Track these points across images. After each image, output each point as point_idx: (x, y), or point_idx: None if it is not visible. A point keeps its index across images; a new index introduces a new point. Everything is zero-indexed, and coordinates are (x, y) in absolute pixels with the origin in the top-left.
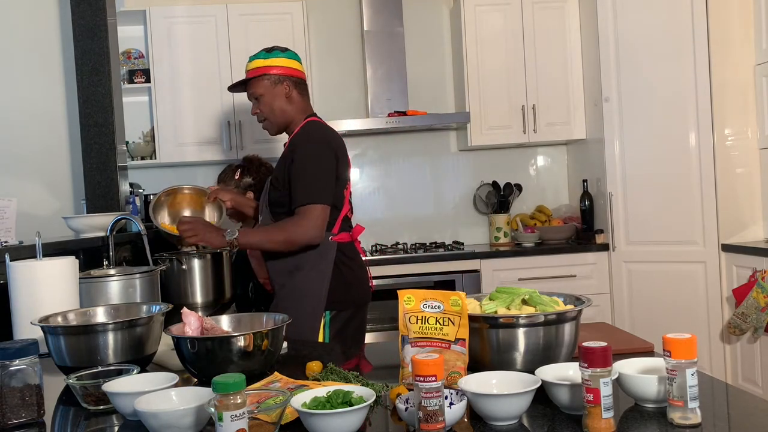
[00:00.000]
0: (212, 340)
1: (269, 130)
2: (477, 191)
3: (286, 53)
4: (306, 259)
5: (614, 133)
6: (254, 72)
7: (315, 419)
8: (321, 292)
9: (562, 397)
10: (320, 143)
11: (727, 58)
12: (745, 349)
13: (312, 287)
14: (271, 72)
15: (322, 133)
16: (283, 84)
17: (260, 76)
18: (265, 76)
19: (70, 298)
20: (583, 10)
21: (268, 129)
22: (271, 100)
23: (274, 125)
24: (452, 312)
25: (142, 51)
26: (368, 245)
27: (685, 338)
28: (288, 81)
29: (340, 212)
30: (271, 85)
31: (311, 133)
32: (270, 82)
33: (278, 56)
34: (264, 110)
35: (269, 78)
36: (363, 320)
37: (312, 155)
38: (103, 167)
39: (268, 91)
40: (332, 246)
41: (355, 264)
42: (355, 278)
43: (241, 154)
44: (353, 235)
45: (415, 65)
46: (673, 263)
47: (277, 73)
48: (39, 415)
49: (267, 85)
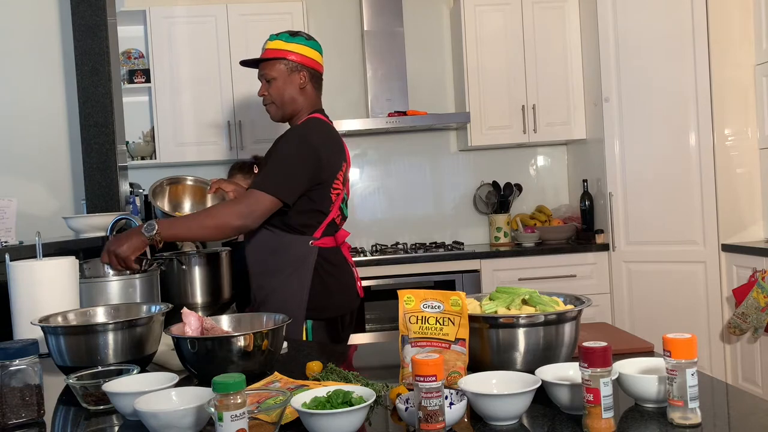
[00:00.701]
0: (212, 340)
1: (273, 115)
2: (477, 191)
3: (310, 42)
4: (286, 262)
5: (614, 133)
6: (273, 53)
7: (315, 419)
8: (301, 299)
9: (562, 397)
10: (305, 141)
11: (727, 58)
12: (745, 349)
13: (292, 294)
14: (291, 57)
15: (314, 133)
16: (300, 73)
17: (278, 59)
18: (283, 60)
19: (70, 298)
20: (583, 10)
21: (271, 113)
22: (284, 87)
23: (279, 112)
24: (452, 312)
25: (142, 51)
26: (368, 245)
27: (685, 338)
28: (306, 71)
29: (326, 216)
30: (287, 71)
31: (304, 130)
32: (287, 67)
33: (302, 42)
34: (273, 94)
35: (287, 63)
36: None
37: (289, 150)
38: (103, 167)
39: (283, 77)
40: (312, 251)
41: (339, 270)
42: (338, 285)
43: (241, 154)
44: (337, 240)
45: (415, 65)
46: (673, 263)
47: (296, 60)
48: (39, 415)
49: (283, 70)
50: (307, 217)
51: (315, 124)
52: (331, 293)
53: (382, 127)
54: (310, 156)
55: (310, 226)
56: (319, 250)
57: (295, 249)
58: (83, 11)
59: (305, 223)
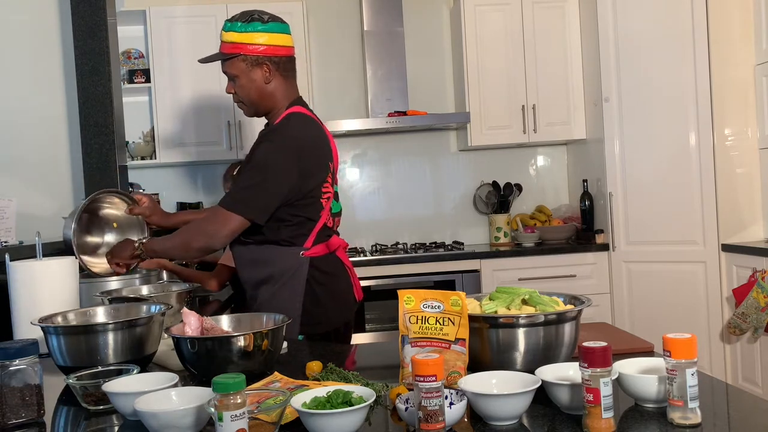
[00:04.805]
0: (212, 340)
1: (245, 112)
2: (477, 191)
3: (267, 25)
4: (276, 274)
5: (614, 133)
6: (228, 48)
7: (315, 419)
8: (294, 313)
9: (562, 397)
10: (282, 150)
11: (727, 58)
12: (745, 349)
13: (284, 306)
14: (248, 51)
15: (294, 137)
16: (263, 67)
17: (234, 56)
18: (239, 56)
19: (70, 298)
20: (583, 10)
21: (243, 111)
22: (248, 84)
23: (252, 110)
24: (452, 312)
25: (142, 51)
26: (368, 245)
27: (685, 338)
28: (268, 63)
29: (316, 223)
30: (247, 67)
31: (279, 134)
32: (246, 63)
33: (257, 30)
34: (240, 93)
35: (245, 58)
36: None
37: (264, 160)
38: (103, 167)
39: (244, 74)
40: (304, 262)
41: (333, 279)
42: (331, 296)
43: (241, 154)
44: (330, 247)
45: (415, 65)
46: (673, 263)
47: (254, 53)
48: (39, 415)
49: (242, 67)
50: (296, 228)
51: (295, 124)
52: (324, 307)
53: (382, 127)
54: (288, 168)
55: (299, 236)
56: (311, 260)
57: (284, 261)
58: (83, 11)
59: (294, 234)
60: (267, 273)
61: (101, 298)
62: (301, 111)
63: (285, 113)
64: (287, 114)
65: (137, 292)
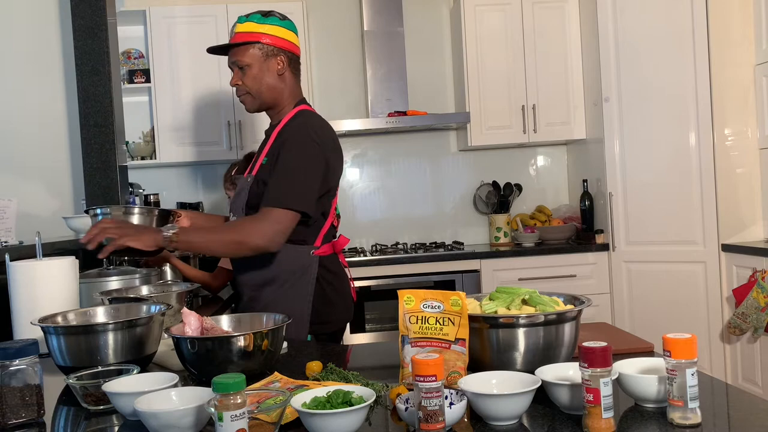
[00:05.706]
0: (212, 340)
1: (249, 106)
2: (477, 191)
3: (284, 22)
4: (282, 272)
5: (614, 133)
6: (245, 36)
7: (315, 419)
8: (303, 313)
9: (562, 397)
10: (313, 143)
11: (727, 58)
12: (745, 349)
13: (292, 307)
14: (265, 40)
15: (317, 131)
16: (278, 57)
17: (251, 43)
18: (257, 44)
19: (70, 298)
20: (583, 10)
21: (246, 105)
22: (261, 74)
23: (256, 102)
24: (452, 312)
25: (142, 51)
26: (368, 245)
27: (685, 338)
28: (284, 55)
29: (326, 221)
30: (262, 56)
31: (306, 128)
32: (262, 52)
33: (276, 23)
34: (249, 83)
35: (262, 47)
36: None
37: (300, 153)
38: (103, 167)
39: (258, 63)
40: (314, 261)
41: (338, 278)
42: (338, 295)
43: (241, 154)
44: (336, 248)
45: (415, 65)
46: (673, 263)
47: (272, 43)
48: (39, 415)
49: (258, 56)
50: (310, 226)
51: (315, 122)
52: (333, 306)
53: (382, 127)
54: (319, 159)
55: (311, 234)
56: (320, 259)
57: (295, 260)
58: (83, 11)
59: (307, 232)
60: (272, 273)
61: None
62: (311, 110)
63: (296, 110)
64: (300, 111)
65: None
